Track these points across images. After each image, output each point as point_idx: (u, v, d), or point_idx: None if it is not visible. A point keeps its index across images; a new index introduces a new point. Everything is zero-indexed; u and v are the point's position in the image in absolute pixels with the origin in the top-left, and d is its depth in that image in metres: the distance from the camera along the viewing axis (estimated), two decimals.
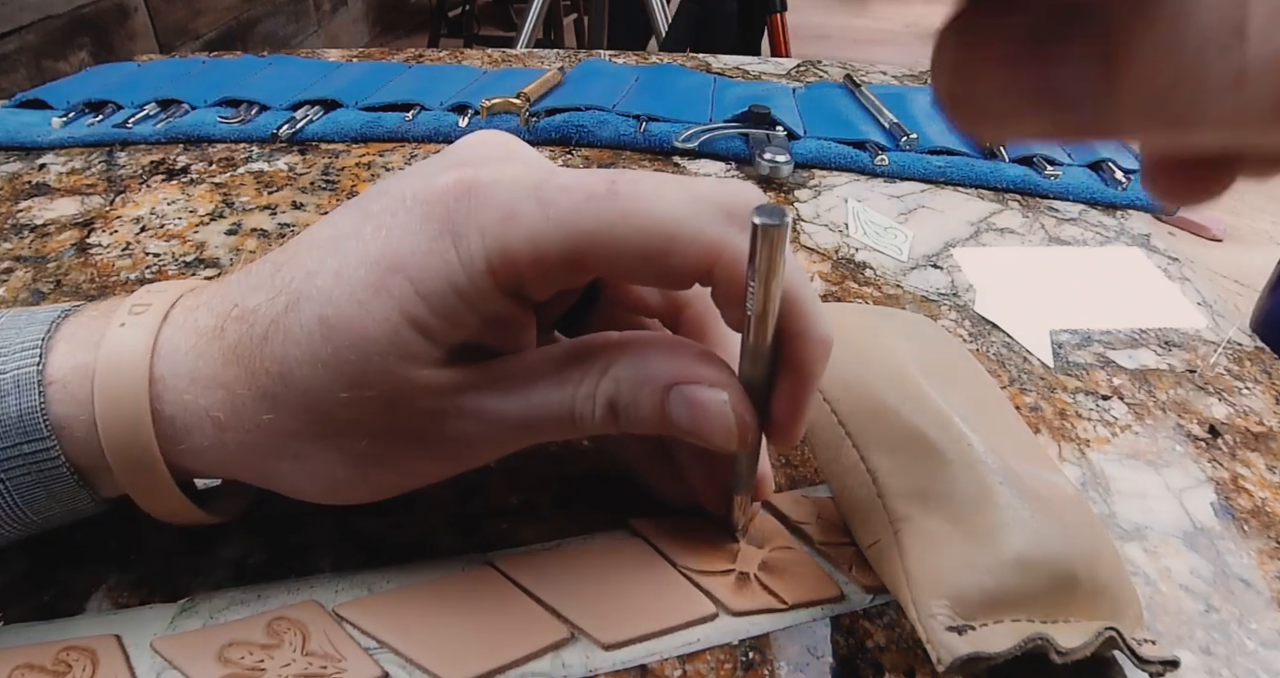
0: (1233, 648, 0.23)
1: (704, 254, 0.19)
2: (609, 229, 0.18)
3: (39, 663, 0.20)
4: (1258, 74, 0.10)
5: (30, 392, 0.19)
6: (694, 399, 0.20)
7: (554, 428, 0.20)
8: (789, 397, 0.20)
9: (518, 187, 0.19)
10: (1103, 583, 0.21)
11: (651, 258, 0.19)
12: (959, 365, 0.29)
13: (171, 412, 0.20)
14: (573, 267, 0.19)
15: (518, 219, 0.19)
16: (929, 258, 0.42)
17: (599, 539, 0.25)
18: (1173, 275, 0.41)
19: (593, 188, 0.19)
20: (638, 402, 0.20)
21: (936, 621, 0.20)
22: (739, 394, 0.20)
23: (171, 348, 0.20)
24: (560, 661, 0.21)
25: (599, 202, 0.19)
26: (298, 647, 0.21)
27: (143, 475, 0.20)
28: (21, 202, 0.45)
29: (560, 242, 0.18)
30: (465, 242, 0.19)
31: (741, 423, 0.20)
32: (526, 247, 0.19)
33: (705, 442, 0.20)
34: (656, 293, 0.24)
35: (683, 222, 0.19)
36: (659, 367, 0.20)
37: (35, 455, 0.20)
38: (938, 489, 0.23)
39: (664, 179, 0.19)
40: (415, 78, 0.60)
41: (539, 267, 0.19)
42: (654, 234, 0.18)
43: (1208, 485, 0.29)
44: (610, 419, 0.20)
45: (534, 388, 0.20)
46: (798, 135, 0.52)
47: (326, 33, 2.38)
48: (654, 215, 0.18)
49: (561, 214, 0.18)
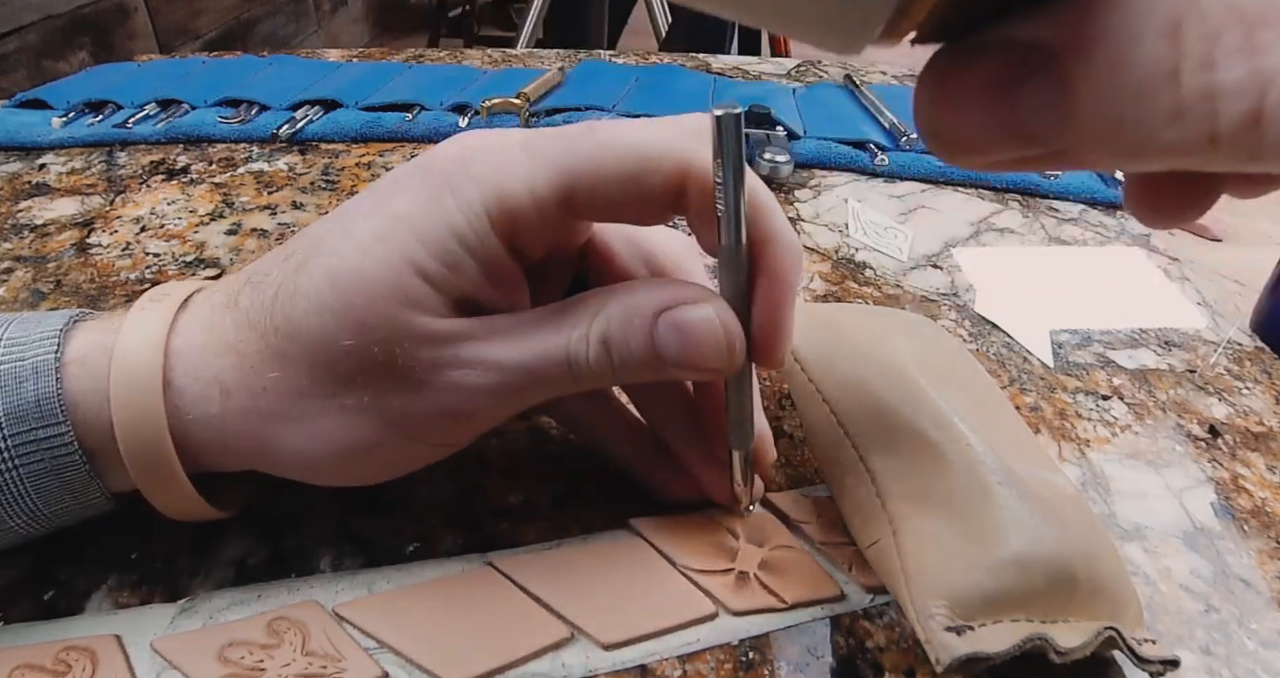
0: (1233, 648, 0.23)
1: (676, 168, 0.20)
2: (590, 162, 0.20)
3: (39, 663, 0.20)
4: (1192, 109, 0.11)
5: (48, 378, 0.20)
6: (680, 320, 0.20)
7: (552, 374, 0.21)
8: (768, 306, 0.21)
9: (507, 143, 0.21)
10: (1102, 583, 0.21)
11: (630, 180, 0.20)
12: (959, 365, 0.29)
13: (182, 382, 0.21)
14: (562, 204, 0.20)
15: (509, 167, 0.20)
16: (929, 258, 0.42)
17: (599, 539, 0.25)
18: (1173, 275, 0.41)
19: (573, 131, 0.21)
20: (628, 336, 0.21)
21: (935, 621, 0.20)
22: (723, 305, 0.21)
23: (187, 324, 0.22)
24: (560, 661, 0.21)
25: (579, 140, 0.20)
26: (298, 647, 0.21)
27: (149, 455, 0.21)
28: (21, 202, 0.45)
29: (549, 180, 0.20)
30: (462, 191, 0.20)
31: (730, 334, 0.21)
32: (519, 187, 0.20)
33: (696, 366, 0.21)
34: (644, 269, 0.25)
35: (652, 142, 0.20)
36: (645, 298, 0.21)
37: (49, 440, 0.20)
38: (937, 489, 0.23)
39: (635, 121, 0.21)
40: (415, 78, 0.60)
41: (535, 207, 0.20)
42: (629, 157, 0.20)
43: (1208, 485, 0.29)
44: (605, 359, 0.21)
45: (531, 335, 0.21)
46: (798, 135, 0.52)
47: (326, 33, 2.38)
48: (627, 141, 0.20)
49: (547, 156, 0.20)
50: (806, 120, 0.55)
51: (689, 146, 0.20)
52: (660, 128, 0.21)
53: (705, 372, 0.21)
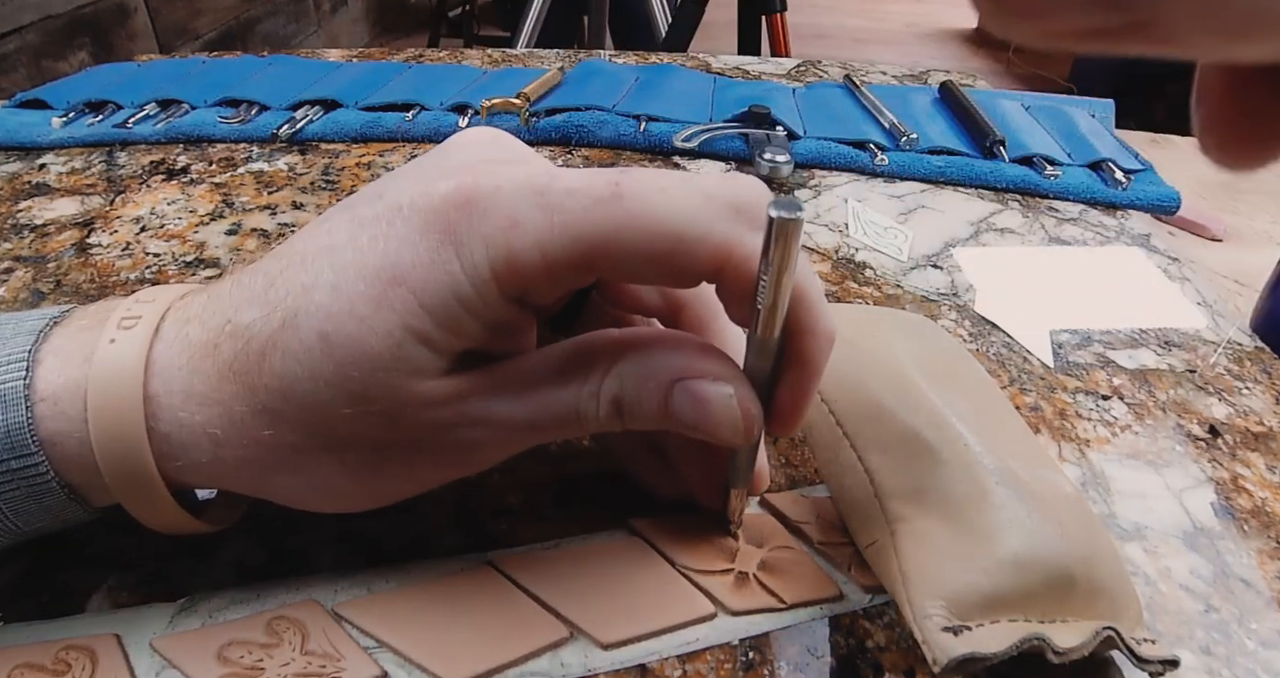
0: (1233, 648, 0.23)
1: (715, 254, 0.19)
2: (616, 233, 0.18)
3: (38, 662, 0.20)
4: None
5: (17, 407, 0.19)
6: (698, 394, 0.20)
7: (560, 428, 0.20)
8: (793, 390, 0.21)
9: (520, 193, 0.19)
10: (1101, 583, 0.21)
11: (660, 259, 0.19)
12: (958, 366, 0.29)
13: (167, 429, 0.20)
14: (579, 271, 0.19)
15: (522, 227, 0.18)
16: (929, 258, 0.42)
17: (598, 539, 0.25)
18: (1173, 275, 0.41)
19: (598, 192, 0.18)
20: (642, 398, 0.20)
21: (932, 621, 0.20)
22: (745, 388, 0.20)
23: (165, 364, 0.20)
24: (559, 660, 0.21)
25: (605, 206, 0.18)
26: (297, 646, 0.21)
27: (139, 492, 0.20)
28: (21, 202, 0.45)
29: (567, 248, 0.18)
30: (468, 251, 0.18)
31: (748, 417, 0.20)
32: (533, 253, 0.18)
33: (710, 436, 0.20)
34: (655, 293, 0.24)
35: (692, 222, 0.18)
36: (663, 363, 0.20)
37: (23, 471, 0.19)
38: (934, 490, 0.23)
39: (669, 177, 0.19)
40: (415, 78, 0.60)
41: (546, 273, 0.19)
42: (663, 236, 0.18)
43: (1208, 486, 0.29)
44: (615, 417, 0.20)
45: (538, 390, 0.20)
46: (798, 135, 0.52)
47: (326, 33, 2.38)
48: (662, 217, 0.18)
49: (567, 220, 0.18)
50: (806, 120, 0.55)
51: (731, 230, 0.19)
52: (699, 202, 0.19)
53: (717, 441, 0.21)
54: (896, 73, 0.69)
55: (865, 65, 0.70)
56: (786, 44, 1.37)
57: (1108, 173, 0.50)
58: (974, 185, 0.50)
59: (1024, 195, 0.49)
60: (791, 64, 0.71)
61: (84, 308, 0.22)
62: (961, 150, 0.51)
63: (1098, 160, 0.51)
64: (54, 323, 0.21)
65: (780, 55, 1.35)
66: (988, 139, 0.52)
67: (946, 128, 0.55)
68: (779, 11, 1.36)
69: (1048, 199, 0.49)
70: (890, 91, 0.61)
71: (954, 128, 0.55)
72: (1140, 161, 0.52)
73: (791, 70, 0.69)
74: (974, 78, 0.67)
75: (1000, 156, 0.51)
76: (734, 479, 0.23)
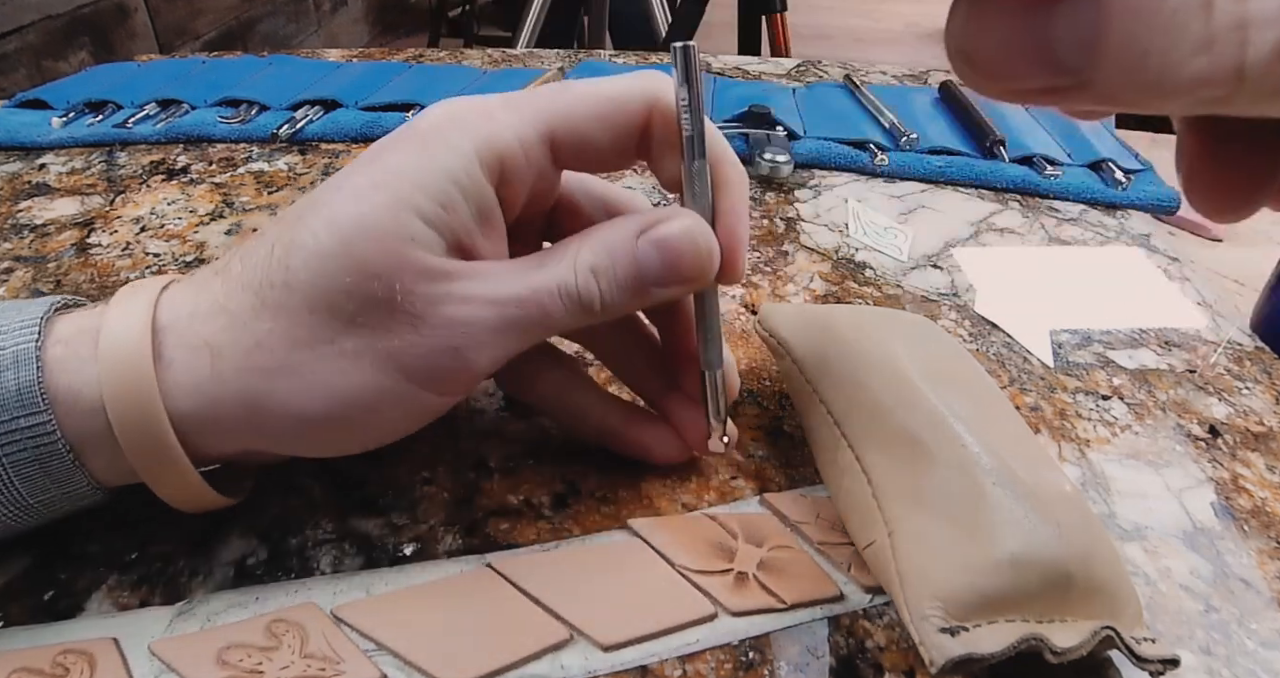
0: (1233, 648, 0.23)
1: (643, 103, 0.23)
2: (569, 107, 0.23)
3: (37, 667, 0.20)
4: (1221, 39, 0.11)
5: (29, 366, 0.20)
6: (658, 236, 0.23)
7: (545, 306, 0.22)
8: (730, 216, 0.24)
9: (489, 102, 0.23)
10: (1099, 582, 0.21)
11: (605, 118, 0.23)
12: (958, 366, 0.29)
13: (171, 354, 0.21)
14: (545, 146, 0.23)
15: (497, 120, 0.22)
16: (929, 258, 0.42)
17: (598, 540, 0.25)
18: (1173, 275, 0.41)
19: (549, 88, 0.23)
20: (614, 260, 0.22)
21: (929, 622, 0.20)
22: (694, 216, 0.23)
23: (173, 297, 0.22)
24: (559, 662, 0.21)
25: (556, 92, 0.23)
26: (296, 649, 0.21)
27: (146, 436, 0.21)
28: (21, 202, 0.45)
29: (533, 125, 0.22)
30: (455, 142, 0.22)
31: (706, 239, 0.23)
32: (508, 134, 0.22)
33: (678, 277, 0.23)
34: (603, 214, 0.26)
35: (620, 86, 0.23)
36: (623, 225, 0.23)
37: (31, 429, 0.20)
38: (932, 490, 0.23)
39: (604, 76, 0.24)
40: (415, 78, 0.60)
41: (521, 150, 0.22)
42: (603, 100, 0.23)
43: (1208, 485, 0.29)
44: (593, 287, 0.22)
45: (523, 273, 0.22)
46: (798, 135, 0.52)
47: (326, 33, 2.38)
48: (600, 88, 0.23)
49: (530, 106, 0.23)
50: (806, 120, 0.55)
51: (653, 86, 0.23)
52: (625, 77, 0.24)
53: (685, 283, 0.23)
54: (896, 73, 0.69)
55: (865, 65, 0.70)
56: (786, 44, 1.37)
57: (1108, 173, 0.50)
58: (974, 185, 0.50)
59: (1024, 195, 0.49)
60: (791, 64, 0.70)
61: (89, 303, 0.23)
62: (961, 150, 0.51)
63: (1098, 160, 0.51)
64: (66, 303, 0.23)
65: (780, 55, 1.35)
66: (988, 139, 0.52)
67: (946, 128, 0.55)
68: (779, 11, 1.36)
69: (1048, 199, 0.49)
70: (890, 91, 0.61)
71: (954, 128, 0.55)
72: (1140, 161, 0.52)
73: (791, 70, 0.69)
74: None
75: (1000, 156, 0.51)
76: (705, 358, 0.25)
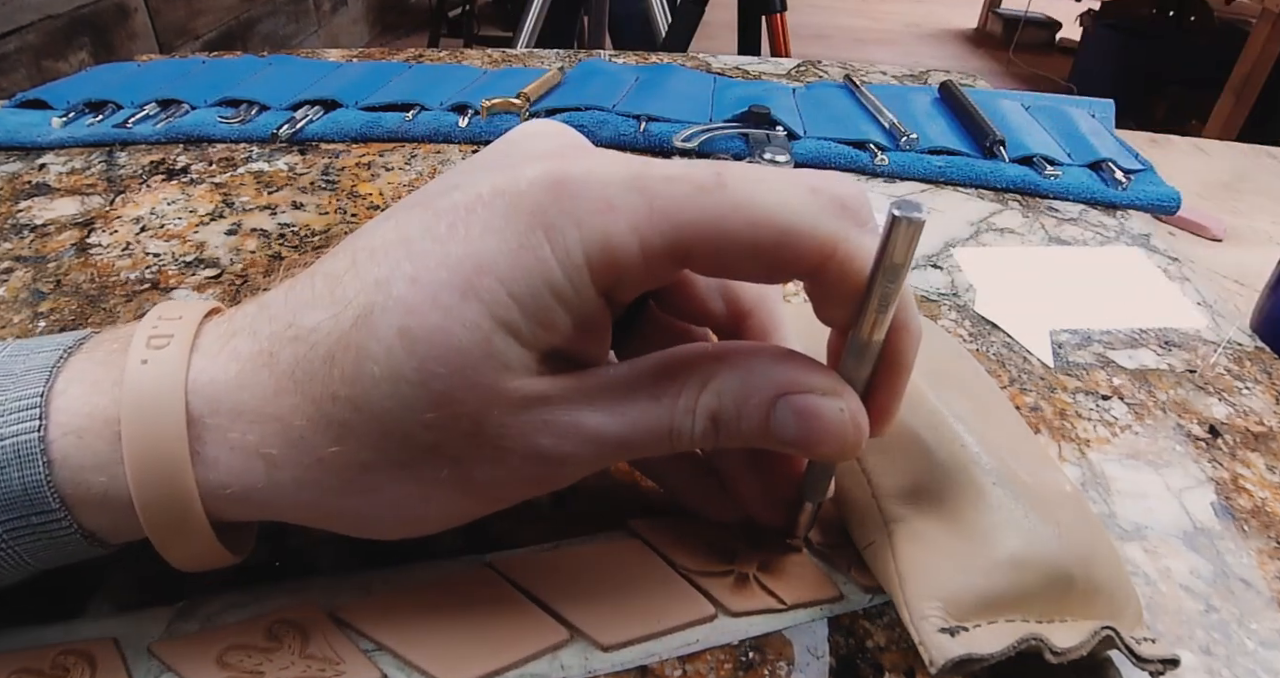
0: (1233, 648, 0.23)
1: (821, 247, 0.18)
2: (719, 222, 0.17)
3: (36, 668, 0.20)
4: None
5: (33, 463, 0.17)
6: (806, 409, 0.19)
7: (650, 444, 0.19)
8: (889, 393, 0.20)
9: (615, 177, 0.18)
10: (1099, 582, 0.21)
11: (764, 251, 0.18)
12: (958, 366, 0.29)
13: (214, 454, 0.18)
14: (676, 261, 0.18)
15: (619, 212, 0.17)
16: (929, 258, 0.42)
17: (598, 540, 0.25)
18: (1173, 275, 0.41)
19: (700, 179, 0.18)
20: (742, 415, 0.19)
21: (929, 622, 0.20)
22: (854, 400, 0.19)
23: (208, 380, 0.18)
24: (559, 662, 0.21)
25: (709, 193, 0.17)
26: (296, 650, 0.21)
27: (176, 528, 0.18)
28: (21, 202, 0.45)
29: (666, 235, 0.17)
30: (560, 236, 0.17)
31: (859, 430, 0.19)
32: (630, 240, 0.17)
33: (809, 452, 0.19)
34: (719, 301, 0.22)
35: (799, 214, 0.17)
36: (764, 377, 0.19)
37: (45, 526, 0.18)
38: (931, 490, 0.23)
39: (769, 171, 0.19)
40: (415, 78, 0.60)
41: (643, 262, 0.18)
42: (767, 227, 0.17)
43: (1208, 485, 0.29)
44: (710, 433, 0.19)
45: (631, 403, 0.19)
46: (798, 135, 0.52)
47: (326, 33, 2.38)
48: (768, 208, 0.17)
49: (667, 205, 0.17)
50: (806, 120, 0.55)
51: (837, 226, 0.18)
52: (804, 195, 0.18)
53: (817, 456, 0.20)
54: (896, 73, 0.69)
55: (865, 65, 0.70)
56: (786, 44, 1.37)
57: (1108, 173, 0.50)
58: (974, 185, 0.50)
59: (1024, 195, 0.49)
60: (791, 64, 0.70)
61: (99, 333, 0.20)
62: (961, 150, 0.51)
63: (1098, 160, 0.51)
64: (68, 353, 0.19)
65: (780, 55, 1.35)
66: (988, 139, 0.52)
67: (946, 128, 0.55)
68: (779, 11, 1.36)
69: (1048, 199, 0.49)
70: (890, 91, 0.61)
71: (954, 128, 0.55)
72: (1140, 161, 0.52)
73: (791, 70, 0.69)
74: (974, 78, 0.67)
75: (1000, 156, 0.51)
76: (810, 493, 0.23)
